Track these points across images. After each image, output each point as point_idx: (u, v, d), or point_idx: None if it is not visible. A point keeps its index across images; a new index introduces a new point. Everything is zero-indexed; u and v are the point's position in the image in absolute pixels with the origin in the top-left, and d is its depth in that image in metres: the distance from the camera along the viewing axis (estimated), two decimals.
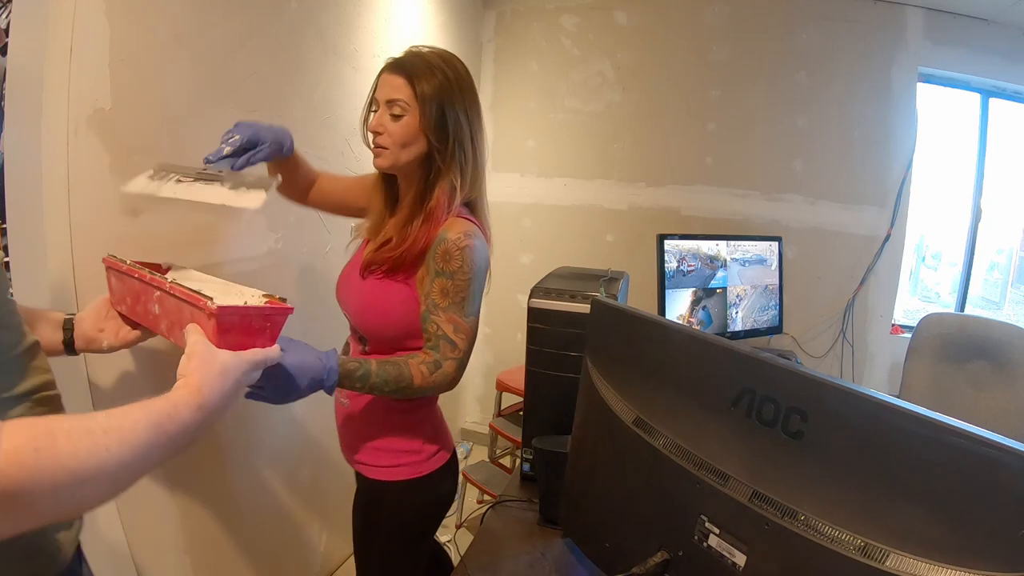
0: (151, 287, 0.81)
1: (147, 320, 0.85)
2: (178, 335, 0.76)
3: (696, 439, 0.71)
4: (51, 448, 0.49)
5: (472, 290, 1.02)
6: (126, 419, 0.57)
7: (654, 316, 0.83)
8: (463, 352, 1.03)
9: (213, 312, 0.71)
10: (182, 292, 0.75)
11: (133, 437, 0.56)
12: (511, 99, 2.88)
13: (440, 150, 1.03)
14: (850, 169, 2.49)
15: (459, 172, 1.05)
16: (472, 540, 1.06)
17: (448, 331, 1.01)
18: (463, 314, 1.02)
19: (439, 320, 1.01)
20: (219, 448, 1.52)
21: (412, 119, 1.01)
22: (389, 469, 1.12)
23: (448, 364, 1.02)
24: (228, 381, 0.69)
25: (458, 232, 1.01)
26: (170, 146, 1.26)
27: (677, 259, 2.04)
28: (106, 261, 0.91)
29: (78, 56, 1.06)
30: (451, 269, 1.00)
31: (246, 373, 0.73)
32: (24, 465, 0.47)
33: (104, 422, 0.55)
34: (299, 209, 1.44)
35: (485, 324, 3.07)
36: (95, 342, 0.89)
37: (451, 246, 1.00)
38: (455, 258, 1.00)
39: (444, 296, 1.01)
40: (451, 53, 1.07)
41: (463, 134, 1.04)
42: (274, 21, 1.54)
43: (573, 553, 0.99)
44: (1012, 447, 0.47)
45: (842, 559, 0.55)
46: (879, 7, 2.39)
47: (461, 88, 1.04)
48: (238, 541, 1.60)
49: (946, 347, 2.01)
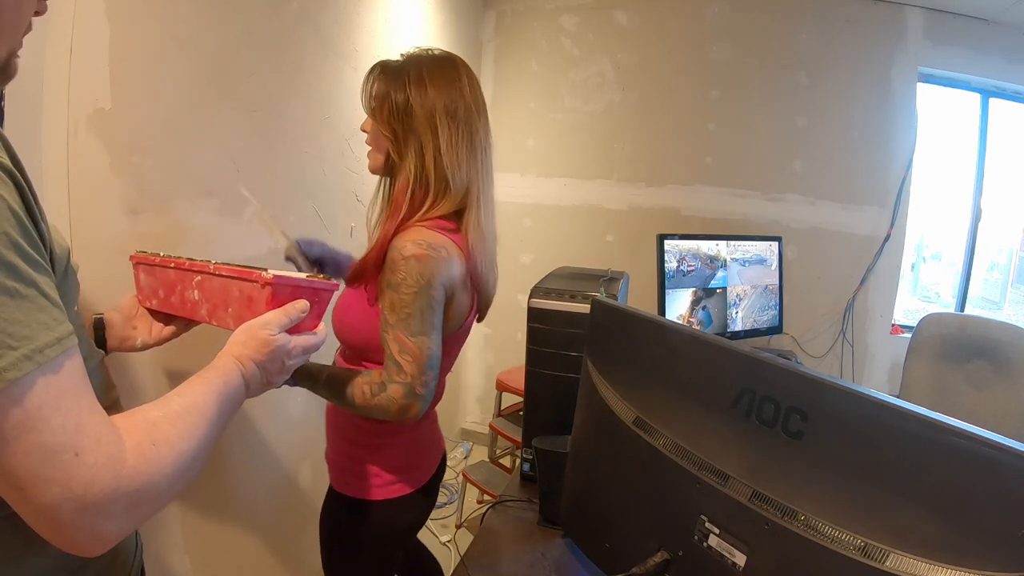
0: (191, 272, 0.82)
1: (184, 309, 0.85)
2: (222, 316, 0.79)
3: (696, 439, 0.71)
4: (164, 438, 0.52)
5: (418, 306, 0.92)
6: (196, 395, 0.59)
7: (654, 316, 0.83)
8: (411, 377, 0.92)
9: (269, 281, 0.72)
10: (230, 270, 0.77)
11: (209, 412, 0.59)
12: (511, 99, 2.88)
13: (393, 143, 1.00)
14: (850, 169, 2.49)
15: (415, 168, 0.98)
16: (472, 540, 1.06)
17: (394, 351, 0.93)
18: (408, 332, 0.92)
19: (387, 338, 0.94)
20: (219, 448, 1.52)
21: (370, 119, 1.04)
22: (341, 481, 1.12)
23: (393, 388, 0.92)
24: (276, 363, 0.71)
25: (407, 240, 0.93)
26: (170, 146, 1.26)
27: (677, 259, 2.04)
28: (134, 258, 0.91)
29: (78, 56, 1.06)
30: (396, 281, 0.92)
31: (296, 358, 0.75)
32: (150, 459, 0.49)
33: (182, 402, 0.57)
34: (299, 209, 1.45)
35: (485, 324, 3.07)
36: (128, 340, 0.88)
37: (396, 255, 0.92)
38: (399, 269, 0.92)
39: (392, 311, 0.93)
40: (438, 53, 1.03)
41: (425, 143, 0.97)
42: (274, 21, 1.54)
43: (573, 553, 0.99)
44: (1012, 447, 0.47)
45: (842, 559, 0.55)
46: (879, 7, 2.39)
47: (431, 83, 0.98)
48: (238, 541, 1.60)
49: (946, 347, 2.01)
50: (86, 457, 0.44)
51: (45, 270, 0.47)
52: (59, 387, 0.45)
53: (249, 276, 0.74)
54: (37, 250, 0.47)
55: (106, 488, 0.45)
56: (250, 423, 1.63)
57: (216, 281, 0.79)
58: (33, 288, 0.44)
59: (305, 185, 1.72)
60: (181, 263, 0.83)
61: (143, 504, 0.49)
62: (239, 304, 0.76)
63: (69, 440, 0.44)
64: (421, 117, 0.98)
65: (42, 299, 0.45)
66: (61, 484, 0.43)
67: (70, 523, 0.44)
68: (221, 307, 0.79)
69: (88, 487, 0.44)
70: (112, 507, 0.46)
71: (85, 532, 0.45)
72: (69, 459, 0.44)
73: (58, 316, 0.46)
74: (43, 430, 0.43)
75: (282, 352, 0.71)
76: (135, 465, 0.48)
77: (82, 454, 0.44)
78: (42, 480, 0.43)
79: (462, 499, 2.48)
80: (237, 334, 0.70)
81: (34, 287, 0.45)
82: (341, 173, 1.88)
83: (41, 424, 0.43)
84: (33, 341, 0.43)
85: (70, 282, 0.60)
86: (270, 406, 1.68)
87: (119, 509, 0.47)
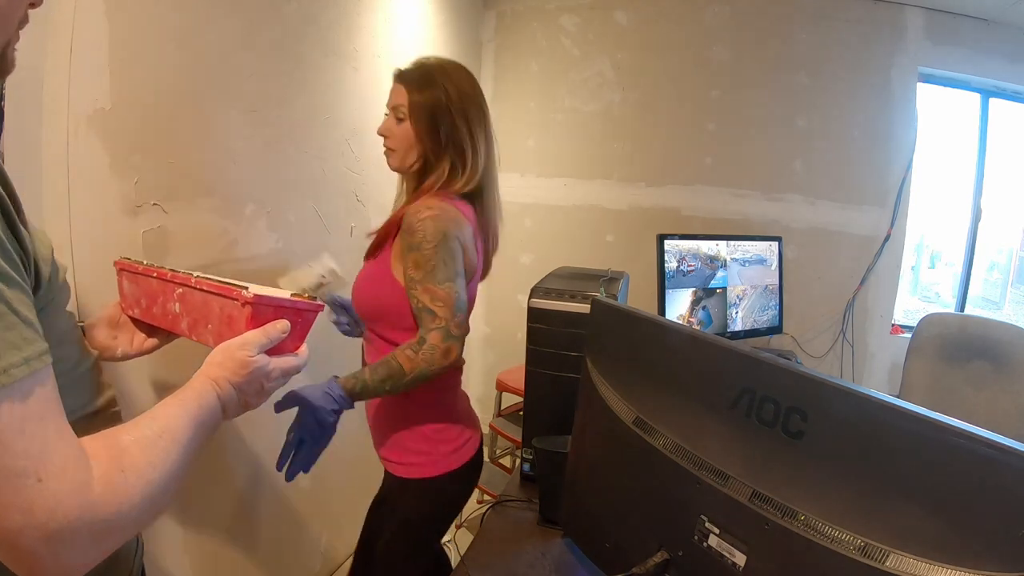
0: (173, 284, 0.80)
1: (164, 320, 0.83)
2: (201, 332, 0.76)
3: (696, 439, 0.71)
4: (133, 465, 0.49)
5: (440, 257, 1.04)
6: (169, 419, 0.56)
7: (654, 316, 0.83)
8: (445, 320, 1.03)
9: (249, 300, 0.69)
10: (211, 285, 0.74)
11: (182, 436, 0.56)
12: (511, 99, 2.88)
13: (435, 151, 1.11)
14: (850, 169, 2.49)
15: (450, 162, 1.11)
16: (472, 540, 1.06)
17: (426, 301, 1.03)
18: (436, 281, 1.03)
19: (417, 293, 1.04)
20: (219, 448, 1.52)
21: (409, 124, 1.10)
22: (406, 467, 1.15)
23: (432, 336, 1.02)
24: (254, 384, 0.68)
25: (421, 206, 1.06)
26: (170, 146, 1.26)
27: (677, 259, 2.04)
28: (118, 264, 0.89)
29: (78, 56, 1.06)
30: (416, 241, 1.03)
31: (275, 380, 0.72)
32: (118, 489, 0.47)
33: (154, 425, 0.54)
34: (299, 209, 1.45)
35: (485, 324, 3.07)
36: (109, 350, 0.85)
37: (412, 219, 1.04)
38: (417, 230, 1.03)
39: (417, 268, 1.04)
40: (457, 65, 1.15)
41: (460, 138, 1.10)
42: (274, 21, 1.54)
43: (573, 553, 0.99)
44: (1012, 447, 0.47)
45: (842, 559, 0.55)
46: (879, 7, 2.39)
47: (461, 98, 1.11)
48: (238, 541, 1.60)
49: (946, 347, 2.01)
50: (50, 484, 0.42)
51: (19, 285, 0.45)
52: (25, 410, 0.43)
53: (229, 293, 0.71)
54: (11, 263, 0.44)
55: (70, 516, 0.43)
56: (250, 423, 1.63)
57: (197, 295, 0.76)
58: (3, 305, 0.42)
59: (305, 185, 1.72)
60: (164, 273, 0.81)
61: (110, 535, 0.47)
62: (219, 321, 0.73)
63: (32, 465, 0.42)
64: (468, 129, 1.11)
65: (11, 316, 0.43)
66: (22, 511, 0.41)
67: (32, 552, 0.42)
68: (201, 322, 0.76)
69: (51, 515, 0.42)
70: (76, 537, 0.44)
71: (48, 562, 0.43)
72: (31, 484, 0.42)
73: (28, 335, 0.44)
74: (3, 454, 0.41)
75: (260, 374, 0.68)
76: (102, 494, 0.45)
77: (46, 480, 0.42)
78: (2, 506, 0.41)
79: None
80: (214, 354, 0.67)
81: (3, 303, 0.43)
82: (341, 173, 1.88)
83: (2, 448, 0.41)
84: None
85: (57, 284, 0.58)
86: (271, 405, 1.68)
87: (84, 539, 0.45)
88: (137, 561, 0.71)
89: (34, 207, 1.04)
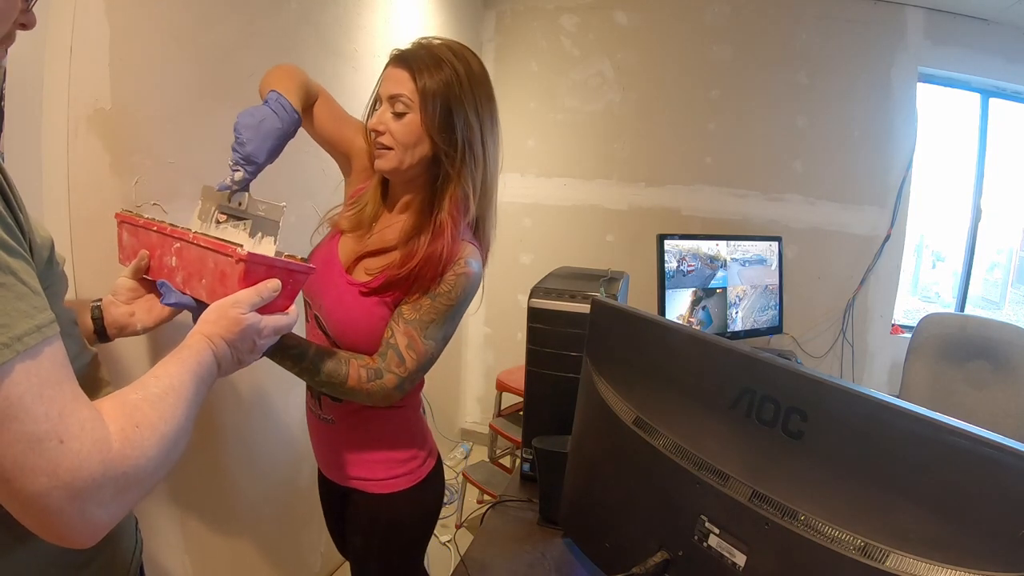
0: (171, 238, 0.82)
1: (160, 273, 0.85)
2: (195, 286, 0.78)
3: (696, 439, 0.71)
4: (145, 420, 0.51)
5: (446, 316, 0.95)
6: (171, 377, 0.59)
7: (654, 316, 0.83)
8: (409, 372, 0.94)
9: (242, 258, 0.72)
10: (207, 241, 0.76)
11: (186, 392, 0.59)
12: (511, 99, 2.87)
13: (448, 153, 0.94)
14: (850, 169, 2.49)
15: (470, 180, 0.95)
16: (472, 540, 1.06)
17: (401, 344, 0.93)
18: (424, 334, 0.94)
19: (396, 330, 0.94)
20: (218, 448, 1.52)
21: (415, 117, 0.92)
22: (390, 481, 1.08)
23: (389, 378, 0.93)
24: (246, 342, 0.71)
25: (467, 257, 0.96)
26: (170, 146, 1.26)
27: (677, 259, 2.04)
28: (119, 216, 0.90)
29: (78, 56, 1.06)
30: (437, 291, 0.94)
31: (266, 338, 0.75)
32: (135, 443, 0.49)
33: (159, 384, 0.57)
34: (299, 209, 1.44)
35: (485, 324, 3.07)
36: (129, 327, 0.87)
37: (454, 268, 0.94)
38: (446, 281, 0.94)
39: (416, 310, 0.94)
40: (463, 45, 0.98)
41: (474, 136, 0.95)
42: (274, 21, 1.54)
43: (573, 553, 0.99)
44: (1012, 447, 0.47)
45: (842, 559, 0.55)
46: (879, 7, 2.39)
47: (473, 84, 0.94)
48: (238, 541, 1.60)
49: (946, 347, 2.01)
50: (71, 444, 0.44)
51: (23, 256, 0.46)
52: (40, 375, 0.44)
53: (224, 250, 0.73)
54: (13, 237, 0.46)
55: (94, 473, 0.45)
56: (250, 423, 1.63)
57: (194, 250, 0.78)
58: (11, 275, 0.44)
59: (305, 185, 1.72)
60: (163, 227, 0.83)
61: (131, 488, 0.49)
62: (212, 277, 0.76)
63: (53, 427, 0.43)
64: (480, 125, 0.95)
65: (20, 286, 0.44)
66: (48, 473, 0.43)
67: (59, 512, 0.44)
68: (195, 276, 0.78)
69: (76, 474, 0.44)
70: (101, 493, 0.46)
71: (76, 520, 0.45)
72: (54, 447, 0.43)
73: (38, 304, 0.46)
74: (25, 419, 0.42)
75: (253, 331, 0.71)
76: (121, 449, 0.47)
77: (67, 441, 0.44)
78: (28, 470, 0.42)
79: (462, 499, 2.47)
80: (208, 312, 0.70)
81: (12, 274, 0.44)
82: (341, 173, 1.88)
83: (23, 413, 0.42)
84: (11, 329, 0.43)
85: (55, 274, 0.59)
86: (270, 405, 1.68)
87: (108, 494, 0.46)
88: (136, 558, 0.71)
89: (34, 207, 1.04)
